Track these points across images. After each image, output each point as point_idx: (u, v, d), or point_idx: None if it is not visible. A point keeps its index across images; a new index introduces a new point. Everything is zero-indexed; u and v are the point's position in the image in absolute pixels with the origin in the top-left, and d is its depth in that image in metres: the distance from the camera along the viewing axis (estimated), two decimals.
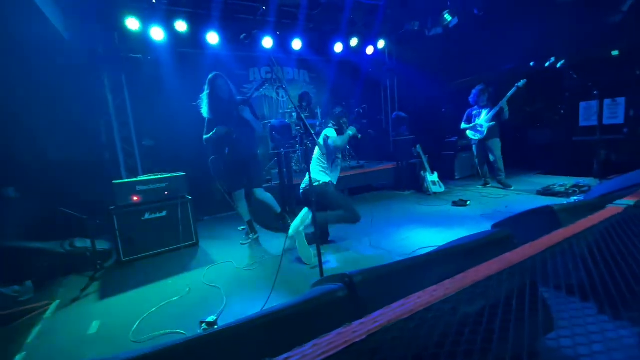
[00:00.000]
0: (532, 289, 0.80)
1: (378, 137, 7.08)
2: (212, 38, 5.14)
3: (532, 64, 6.51)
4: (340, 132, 3.13)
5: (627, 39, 5.06)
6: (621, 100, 5.21)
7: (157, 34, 4.67)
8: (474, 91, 4.95)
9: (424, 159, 5.18)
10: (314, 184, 2.99)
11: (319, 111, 5.96)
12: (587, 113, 5.75)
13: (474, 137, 4.98)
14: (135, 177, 3.56)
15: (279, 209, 3.46)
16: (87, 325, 2.09)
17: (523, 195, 4.41)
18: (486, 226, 3.12)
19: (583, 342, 0.55)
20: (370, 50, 6.68)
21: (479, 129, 4.85)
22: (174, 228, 3.30)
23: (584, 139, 5.52)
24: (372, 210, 4.18)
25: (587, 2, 4.78)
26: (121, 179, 4.00)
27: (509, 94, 4.62)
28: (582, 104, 5.77)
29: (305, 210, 2.90)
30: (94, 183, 4.00)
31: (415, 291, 0.81)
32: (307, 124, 2.02)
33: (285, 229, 3.44)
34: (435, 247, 1.47)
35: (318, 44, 6.31)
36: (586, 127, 5.69)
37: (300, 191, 3.02)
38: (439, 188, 5.03)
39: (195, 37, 5.13)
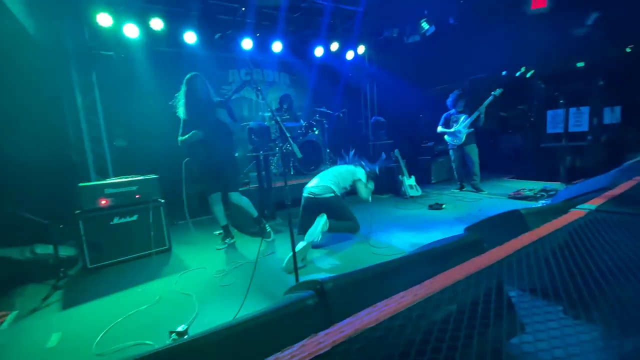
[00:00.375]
0: (499, 293, 0.81)
1: (358, 141, 7.15)
2: (190, 37, 5.03)
3: (504, 73, 6.80)
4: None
5: (591, 52, 5.37)
6: (585, 109, 5.51)
7: (131, 31, 4.51)
8: (451, 95, 5.09)
9: (402, 163, 5.26)
10: (329, 195, 3.13)
11: (300, 114, 5.95)
12: (554, 121, 6.04)
13: (452, 142, 5.12)
14: (106, 179, 3.41)
15: (255, 213, 3.40)
16: (47, 338, 1.96)
17: (495, 199, 4.55)
18: (460, 229, 3.21)
19: (545, 345, 0.56)
20: (350, 55, 6.75)
21: (457, 134, 4.99)
22: (145, 233, 3.16)
23: (551, 145, 5.80)
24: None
25: (555, 16, 5.04)
26: (90, 181, 3.82)
27: (486, 102, 4.78)
28: (550, 112, 6.06)
29: (323, 218, 2.94)
30: (59, 185, 3.79)
31: (386, 297, 0.80)
32: (283, 127, 1.99)
33: (261, 233, 3.39)
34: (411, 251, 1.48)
35: (299, 47, 6.31)
36: (553, 134, 5.97)
37: (310, 196, 3.16)
38: (416, 192, 5.12)
39: (172, 35, 4.99)
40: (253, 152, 4.06)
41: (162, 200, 3.38)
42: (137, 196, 3.21)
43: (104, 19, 4.21)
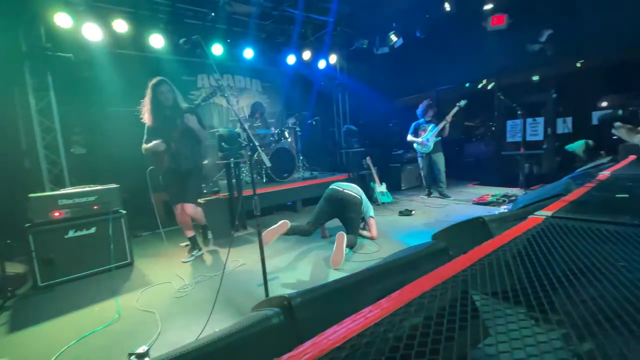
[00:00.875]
0: (464, 301, 0.82)
1: (330, 149, 7.21)
2: (157, 41, 4.85)
3: (467, 85, 7.17)
4: None
5: (545, 66, 5.80)
6: (540, 119, 5.92)
7: (92, 32, 4.27)
8: (421, 105, 5.27)
9: (373, 170, 5.35)
10: (357, 195, 3.18)
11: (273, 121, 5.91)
12: (513, 130, 6.44)
13: (420, 151, 5.28)
14: (62, 189, 3.17)
15: (204, 222, 3.45)
16: None
17: (461, 205, 4.74)
18: (429, 234, 3.29)
19: (506, 347, 0.57)
20: (322, 64, 6.81)
21: (425, 143, 5.16)
22: (105, 246, 2.96)
23: (511, 153, 6.16)
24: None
25: (513, 33, 5.40)
26: (44, 191, 3.54)
27: (452, 112, 4.98)
28: (509, 122, 6.46)
29: (343, 235, 2.87)
30: (8, 196, 3.49)
31: (357, 310, 0.79)
32: (251, 135, 1.95)
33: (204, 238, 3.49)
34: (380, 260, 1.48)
35: (271, 54, 6.28)
36: (512, 142, 6.36)
37: (338, 189, 3.20)
38: (387, 198, 5.22)
39: (137, 38, 4.79)
40: (223, 159, 3.95)
41: (124, 211, 3.19)
42: (95, 207, 3.00)
43: (62, 20, 3.95)
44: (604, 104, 5.47)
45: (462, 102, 4.97)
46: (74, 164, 4.44)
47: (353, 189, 3.27)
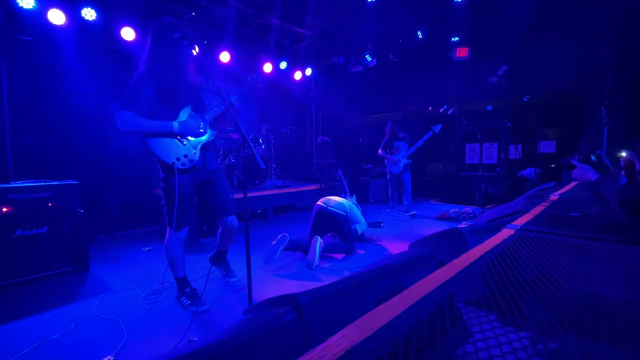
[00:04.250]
0: (452, 305, 0.89)
1: (302, 159, 7.25)
2: (128, 34, 4.61)
3: (430, 108, 7.68)
4: None
5: (500, 97, 6.41)
6: (495, 145, 6.49)
7: (57, 17, 3.96)
8: (388, 125, 5.53)
9: (345, 182, 5.46)
10: (339, 211, 3.25)
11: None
12: (471, 153, 6.97)
13: (391, 169, 5.50)
14: (5, 182, 2.84)
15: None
16: None
17: (425, 220, 4.99)
18: (398, 245, 3.42)
19: (482, 345, 0.63)
20: (298, 75, 6.91)
21: (397, 163, 5.39)
22: (58, 248, 2.68)
23: (469, 174, 6.64)
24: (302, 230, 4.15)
25: (474, 64, 5.92)
26: None
27: (426, 136, 5.26)
28: (468, 145, 6.99)
29: (318, 241, 2.98)
30: None
31: (359, 310, 0.81)
32: (248, 139, 1.93)
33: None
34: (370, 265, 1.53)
35: (247, 61, 6.25)
36: (470, 164, 6.88)
37: (323, 206, 3.26)
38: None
39: (107, 28, 4.51)
40: None
41: (82, 211, 2.93)
42: (49, 204, 2.73)
43: (24, 0, 3.64)
44: (546, 135, 6.15)
45: (437, 127, 5.25)
46: (21, 157, 4.01)
47: (335, 205, 3.32)
